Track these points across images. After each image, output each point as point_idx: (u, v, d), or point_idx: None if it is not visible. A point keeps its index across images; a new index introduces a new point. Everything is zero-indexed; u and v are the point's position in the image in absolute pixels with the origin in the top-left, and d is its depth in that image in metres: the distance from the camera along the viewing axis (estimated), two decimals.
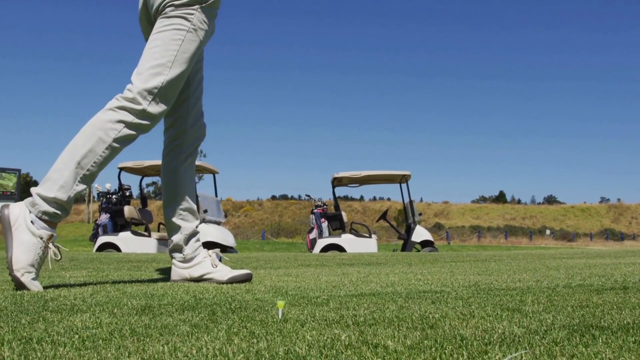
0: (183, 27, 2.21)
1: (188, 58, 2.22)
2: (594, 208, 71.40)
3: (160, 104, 2.17)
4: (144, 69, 2.17)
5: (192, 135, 2.45)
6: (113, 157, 2.14)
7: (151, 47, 2.20)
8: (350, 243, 12.19)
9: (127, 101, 2.13)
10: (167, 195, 2.46)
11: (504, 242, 39.48)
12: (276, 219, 62.52)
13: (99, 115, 2.14)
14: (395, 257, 5.32)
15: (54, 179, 2.05)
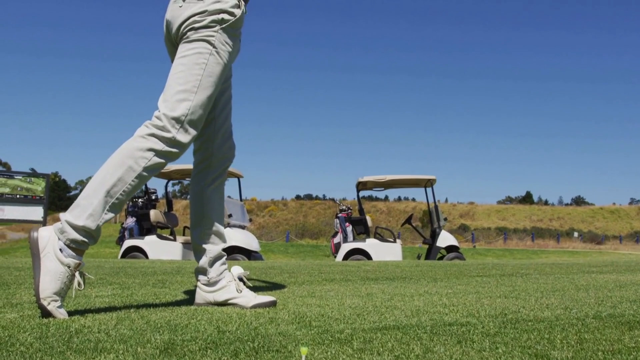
0: (205, 50, 2.21)
1: (213, 82, 2.22)
2: (624, 210, 70.15)
3: (190, 131, 2.18)
4: (170, 96, 2.18)
5: (219, 158, 2.45)
6: (141, 185, 2.16)
7: (175, 72, 2.21)
8: (374, 248, 12.14)
9: (157, 129, 2.14)
10: (194, 217, 2.47)
11: (531, 244, 38.92)
12: (300, 219, 62.62)
13: (128, 143, 2.15)
14: (419, 269, 5.27)
15: (83, 207, 2.06)
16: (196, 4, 2.23)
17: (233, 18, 2.26)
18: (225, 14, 2.24)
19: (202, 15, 2.22)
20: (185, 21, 2.23)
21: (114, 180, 2.08)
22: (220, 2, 2.24)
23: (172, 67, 2.24)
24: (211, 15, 2.22)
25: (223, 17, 2.24)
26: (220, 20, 2.23)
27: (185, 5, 2.24)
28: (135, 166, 2.11)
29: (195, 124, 2.19)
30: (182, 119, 2.15)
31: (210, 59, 2.22)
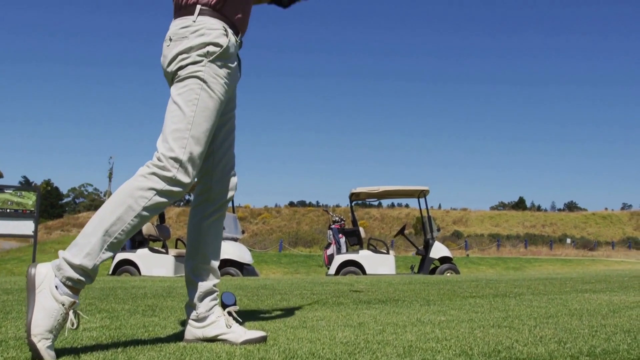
0: (196, 86, 2.19)
1: (208, 116, 2.20)
2: (616, 215, 70.36)
3: (189, 169, 2.16)
4: (167, 136, 2.16)
5: (218, 191, 2.41)
6: (142, 225, 2.14)
7: (170, 112, 2.20)
8: (368, 260, 12.11)
9: (158, 168, 2.13)
10: (189, 249, 2.45)
11: (524, 251, 39.01)
12: (294, 226, 62.51)
13: (129, 182, 2.13)
14: (412, 288, 5.24)
15: (81, 245, 2.04)
16: (181, 42, 2.21)
17: (219, 49, 2.23)
18: (210, 45, 2.22)
19: (188, 52, 2.20)
20: (172, 60, 2.21)
21: (113, 220, 2.06)
22: (204, 35, 2.21)
23: (167, 107, 2.22)
24: (197, 50, 2.20)
25: (208, 50, 2.21)
26: (206, 54, 2.21)
27: (172, 45, 2.23)
28: (135, 205, 2.09)
29: (195, 161, 2.18)
30: (181, 157, 2.14)
31: (202, 94, 2.20)
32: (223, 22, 2.27)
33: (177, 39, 2.22)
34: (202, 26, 2.23)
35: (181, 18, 2.26)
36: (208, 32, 2.22)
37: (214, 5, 2.26)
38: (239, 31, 2.36)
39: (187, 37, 2.21)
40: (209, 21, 2.24)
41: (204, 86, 2.20)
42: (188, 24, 2.23)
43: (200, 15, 2.24)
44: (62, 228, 68.61)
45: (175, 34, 2.24)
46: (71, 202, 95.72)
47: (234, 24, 2.32)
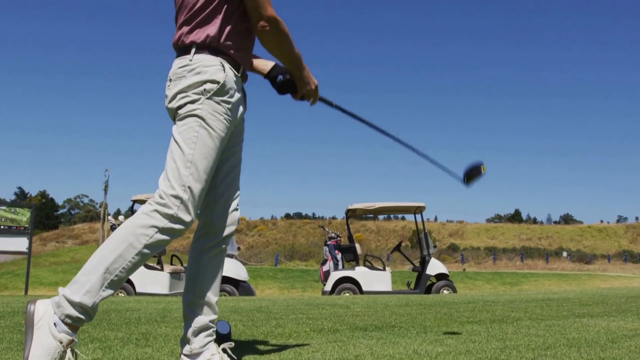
0: (195, 124, 2.20)
1: (208, 154, 2.20)
2: (612, 228, 70.55)
3: (190, 207, 2.16)
4: (167, 174, 2.18)
5: (219, 227, 2.40)
6: (143, 262, 2.14)
7: (171, 151, 2.22)
8: (364, 277, 12.08)
9: (159, 205, 2.13)
10: (187, 282, 2.44)
11: (520, 264, 39.01)
12: (290, 239, 62.47)
13: (131, 220, 2.14)
14: (409, 311, 5.20)
15: (81, 282, 2.04)
16: (180, 81, 2.23)
17: (216, 85, 2.23)
18: (207, 83, 2.22)
19: (186, 91, 2.22)
20: (172, 99, 2.24)
21: (114, 257, 2.06)
22: (200, 73, 2.23)
23: (169, 145, 2.24)
24: (194, 88, 2.22)
25: (205, 88, 2.22)
26: (203, 91, 2.22)
27: (172, 84, 2.26)
28: (136, 243, 2.09)
29: (196, 198, 2.18)
30: (181, 195, 2.15)
31: (200, 132, 2.20)
32: (220, 57, 2.27)
33: (176, 78, 2.25)
34: (199, 64, 2.24)
35: (179, 58, 2.29)
36: (204, 69, 2.23)
37: (209, 44, 2.26)
38: (240, 65, 2.35)
39: (185, 77, 2.23)
40: (205, 59, 2.25)
41: (203, 124, 2.21)
42: (185, 64, 2.25)
43: (197, 54, 2.26)
44: (57, 240, 68.37)
45: (174, 74, 2.27)
46: (67, 213, 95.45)
47: (233, 58, 2.31)
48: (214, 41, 2.26)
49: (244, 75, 2.42)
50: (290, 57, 2.38)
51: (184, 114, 2.22)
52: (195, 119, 2.20)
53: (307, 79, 2.49)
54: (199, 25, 2.26)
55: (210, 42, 2.26)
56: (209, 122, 2.21)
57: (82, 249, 37.61)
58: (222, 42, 2.27)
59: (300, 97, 2.55)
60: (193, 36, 2.26)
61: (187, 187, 2.16)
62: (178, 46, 2.32)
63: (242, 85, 2.41)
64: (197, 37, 2.26)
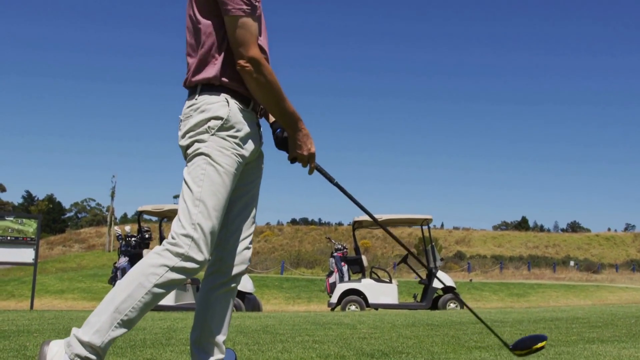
0: (202, 162, 2.20)
1: (217, 190, 2.19)
2: (619, 237, 70.08)
3: (202, 245, 2.15)
4: (179, 214, 2.18)
5: (229, 264, 2.37)
6: (156, 302, 2.12)
7: (182, 191, 2.22)
8: (370, 289, 12.03)
9: (171, 245, 2.13)
10: (195, 319, 2.42)
11: (527, 274, 38.80)
12: (296, 245, 62.41)
13: (143, 260, 2.14)
14: (416, 334, 5.15)
15: (92, 323, 2.05)
16: (188, 121, 2.25)
17: (220, 121, 2.22)
18: (212, 120, 2.22)
19: (193, 130, 2.23)
20: (181, 139, 2.27)
21: (124, 297, 2.06)
22: (204, 111, 2.23)
23: (182, 186, 2.25)
24: (200, 126, 2.22)
25: (209, 125, 2.21)
26: (207, 129, 2.21)
27: (182, 125, 2.28)
28: (146, 282, 2.08)
29: (207, 237, 2.16)
30: (191, 234, 2.13)
31: (207, 169, 2.19)
32: (225, 94, 2.26)
33: (185, 118, 2.28)
34: (203, 102, 2.25)
35: (188, 98, 2.31)
36: (208, 107, 2.24)
37: (213, 82, 2.26)
38: (251, 99, 2.33)
39: (192, 116, 2.25)
40: (209, 97, 2.26)
41: (209, 160, 2.20)
42: (192, 103, 2.27)
43: (202, 93, 2.27)
44: (64, 244, 68.54)
45: (184, 114, 2.29)
46: (74, 217, 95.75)
47: (241, 93, 2.29)
48: (216, 79, 2.25)
49: (258, 109, 2.38)
50: (276, 108, 2.29)
51: (192, 153, 2.22)
52: (202, 157, 2.20)
53: (300, 142, 2.35)
54: (202, 64, 2.27)
55: (213, 80, 2.25)
56: (216, 159, 2.19)
57: (88, 254, 37.68)
58: (225, 79, 2.26)
59: (291, 160, 2.41)
60: (198, 76, 2.27)
61: (197, 225, 2.14)
62: (187, 87, 2.34)
63: (255, 119, 2.37)
64: (201, 76, 2.26)
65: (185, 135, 2.25)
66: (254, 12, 2.22)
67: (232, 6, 2.19)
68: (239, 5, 2.19)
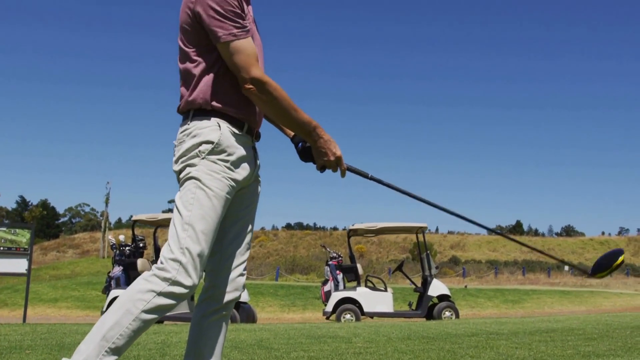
0: (192, 186, 2.18)
1: (206, 214, 2.16)
2: (614, 241, 70.23)
3: (190, 269, 2.12)
4: (168, 238, 2.17)
5: (222, 291, 2.35)
6: (146, 328, 2.09)
7: (173, 216, 2.20)
8: (365, 297, 12.01)
9: (159, 270, 2.11)
10: (188, 345, 2.41)
11: (522, 279, 38.90)
12: (291, 250, 62.27)
13: (131, 286, 2.12)
14: (411, 348, 5.13)
15: (81, 351, 2.02)
16: (181, 146, 2.25)
17: (211, 145, 2.22)
18: (203, 144, 2.22)
19: (185, 155, 2.22)
20: (174, 164, 2.26)
21: (111, 324, 2.03)
22: (196, 136, 2.22)
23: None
24: (191, 151, 2.22)
25: (200, 149, 2.21)
26: (198, 153, 2.21)
27: (176, 150, 2.28)
28: (133, 309, 2.05)
29: (195, 261, 2.13)
30: (179, 258, 2.11)
31: (197, 193, 2.18)
32: (217, 118, 2.26)
33: (178, 143, 2.27)
34: (194, 127, 2.25)
35: (181, 124, 2.31)
36: (199, 132, 2.23)
37: (204, 107, 2.26)
38: (245, 122, 2.31)
39: (185, 141, 2.25)
40: (200, 122, 2.25)
41: (199, 184, 2.19)
42: (185, 128, 2.27)
43: (194, 118, 2.27)
44: (58, 249, 68.16)
45: (177, 140, 2.29)
46: (68, 221, 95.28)
47: (234, 117, 2.28)
48: (207, 104, 2.25)
49: (252, 132, 2.36)
50: (290, 122, 2.28)
51: (183, 178, 2.22)
52: (192, 181, 2.19)
53: (323, 149, 2.31)
54: (193, 90, 2.26)
55: (204, 105, 2.25)
56: (206, 182, 2.18)
57: (82, 261, 37.48)
58: (216, 104, 2.25)
59: (320, 169, 2.39)
60: (190, 101, 2.27)
61: (185, 249, 2.11)
62: (180, 112, 2.34)
63: (250, 142, 2.35)
64: (193, 101, 2.26)
65: (178, 160, 2.25)
66: (245, 33, 2.21)
67: (222, 33, 2.18)
68: (229, 31, 2.18)
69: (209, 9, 2.17)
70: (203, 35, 2.23)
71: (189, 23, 2.24)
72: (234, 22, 2.19)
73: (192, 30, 2.24)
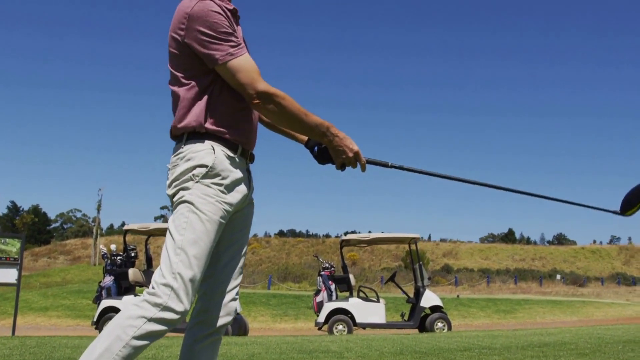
0: (186, 210, 2.16)
1: (199, 238, 2.13)
2: (605, 250, 70.49)
3: (181, 295, 2.08)
4: (161, 263, 2.13)
5: (214, 315, 2.31)
6: (137, 354, 2.04)
7: (166, 240, 2.17)
8: (358, 308, 11.97)
9: (150, 295, 2.07)
10: None
11: (514, 287, 38.96)
12: (283, 257, 62.20)
13: (122, 312, 2.08)
14: None
15: None
16: (175, 169, 2.22)
17: (205, 169, 2.19)
18: (197, 168, 2.19)
19: (179, 178, 2.20)
20: (168, 188, 2.23)
21: (101, 350, 1.98)
22: (190, 159, 2.20)
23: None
24: (185, 174, 2.19)
25: (194, 173, 2.18)
26: (192, 176, 2.18)
27: (169, 173, 2.25)
28: (123, 335, 2.01)
29: (187, 287, 2.10)
30: (171, 283, 2.07)
31: (190, 217, 2.15)
32: (211, 141, 2.23)
33: (172, 167, 2.24)
34: (188, 151, 2.22)
35: (175, 147, 2.28)
36: (193, 155, 2.21)
37: (198, 130, 2.23)
38: (239, 145, 2.29)
39: (178, 164, 2.22)
40: (194, 145, 2.23)
41: (192, 208, 2.16)
42: (179, 152, 2.24)
43: (188, 141, 2.24)
44: (49, 255, 67.72)
45: (171, 163, 2.26)
46: (59, 227, 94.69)
47: (228, 139, 2.26)
48: (200, 127, 2.22)
49: (247, 154, 2.34)
50: (302, 127, 2.25)
51: (177, 201, 2.19)
52: (185, 205, 2.16)
53: (340, 147, 2.27)
54: (186, 113, 2.23)
55: (198, 128, 2.22)
56: (199, 206, 2.15)
57: (73, 268, 37.17)
58: (210, 127, 2.23)
59: (340, 167, 2.34)
60: (183, 125, 2.24)
61: (177, 274, 2.08)
62: (172, 135, 2.31)
63: (244, 165, 2.33)
64: (186, 125, 2.23)
65: (171, 184, 2.22)
66: (241, 49, 2.20)
67: (219, 55, 2.16)
68: (225, 51, 2.16)
69: (201, 36, 2.15)
70: (196, 61, 2.21)
71: (179, 49, 2.22)
72: (228, 42, 2.17)
73: (182, 55, 2.22)
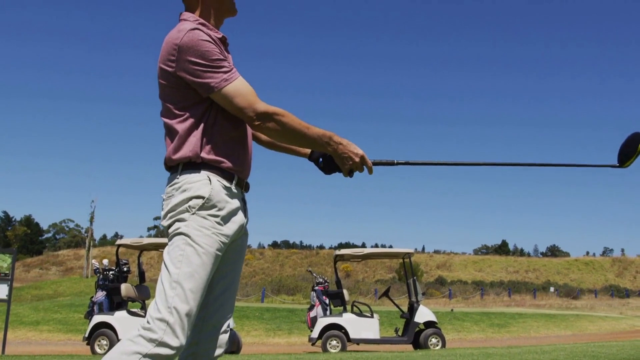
0: (182, 242, 2.13)
1: (195, 271, 2.11)
2: (598, 262, 70.61)
3: (178, 330, 2.05)
4: (156, 297, 2.10)
5: (205, 347, 2.28)
6: None
7: (162, 273, 2.14)
8: (351, 324, 11.91)
9: (145, 330, 2.04)
10: None
11: (507, 300, 38.92)
12: (277, 269, 61.99)
13: (117, 347, 2.04)
14: None
15: None
16: (170, 200, 2.19)
17: (201, 200, 2.16)
18: (193, 199, 2.16)
19: (174, 210, 2.17)
20: (163, 218, 2.20)
21: None
22: (186, 190, 2.17)
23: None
24: (180, 206, 2.16)
25: (190, 204, 2.15)
26: (188, 208, 2.15)
27: (164, 204, 2.22)
28: None
29: (183, 321, 2.06)
30: (167, 318, 2.04)
31: (186, 250, 2.12)
32: (207, 172, 2.21)
33: (167, 197, 2.22)
34: (184, 181, 2.19)
35: (170, 177, 2.26)
36: (189, 186, 2.18)
37: (194, 160, 2.21)
38: (234, 174, 2.27)
39: (174, 195, 2.19)
40: (190, 175, 2.20)
41: (189, 241, 2.13)
42: (174, 182, 2.22)
43: (183, 172, 2.21)
44: (41, 266, 67.18)
45: (166, 194, 2.24)
46: (52, 238, 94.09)
47: (224, 169, 2.24)
48: (197, 157, 2.20)
49: (242, 184, 2.32)
50: (306, 141, 2.24)
51: (172, 233, 2.16)
52: (182, 237, 2.13)
53: (345, 153, 2.26)
54: (181, 144, 2.21)
55: (194, 158, 2.20)
56: (195, 239, 2.12)
57: (65, 281, 36.86)
58: (206, 157, 2.21)
59: (348, 174, 2.33)
60: (178, 155, 2.21)
61: (172, 309, 2.05)
62: (167, 166, 2.28)
63: (240, 194, 2.31)
64: (181, 155, 2.20)
65: (167, 215, 2.19)
66: (235, 73, 2.19)
67: (214, 82, 2.15)
68: (220, 78, 2.15)
69: (193, 66, 2.14)
70: (188, 92, 2.19)
71: (170, 81, 2.21)
72: (221, 69, 2.16)
73: (173, 86, 2.21)
